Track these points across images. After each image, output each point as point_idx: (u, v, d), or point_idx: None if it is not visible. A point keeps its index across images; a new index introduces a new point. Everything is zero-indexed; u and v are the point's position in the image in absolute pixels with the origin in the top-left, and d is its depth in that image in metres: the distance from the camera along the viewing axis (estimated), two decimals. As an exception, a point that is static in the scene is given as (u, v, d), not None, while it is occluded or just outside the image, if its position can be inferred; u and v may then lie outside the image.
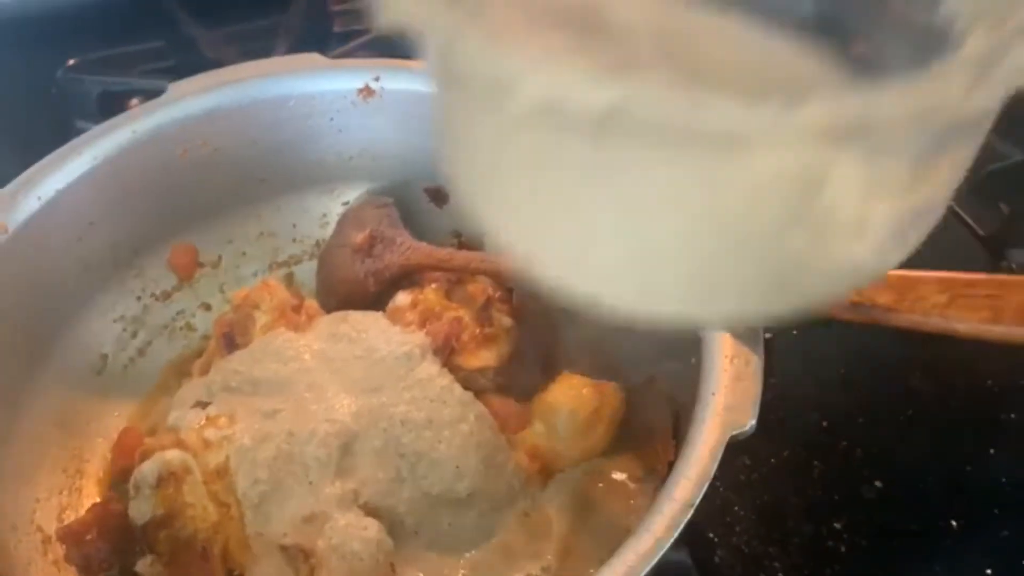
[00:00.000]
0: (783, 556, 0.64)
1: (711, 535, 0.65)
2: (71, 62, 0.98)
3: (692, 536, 0.63)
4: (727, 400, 0.47)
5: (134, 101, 0.89)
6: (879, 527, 0.65)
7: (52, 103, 0.97)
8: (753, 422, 0.46)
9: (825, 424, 0.71)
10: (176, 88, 0.65)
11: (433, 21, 0.25)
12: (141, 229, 0.66)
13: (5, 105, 0.99)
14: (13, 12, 0.97)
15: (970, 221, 0.81)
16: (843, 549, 0.64)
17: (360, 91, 0.66)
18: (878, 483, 0.67)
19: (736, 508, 0.66)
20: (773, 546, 0.65)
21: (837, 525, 0.65)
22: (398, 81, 0.66)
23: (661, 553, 0.41)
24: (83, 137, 0.62)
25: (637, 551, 0.41)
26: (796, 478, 0.68)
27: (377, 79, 0.66)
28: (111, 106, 0.92)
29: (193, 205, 0.68)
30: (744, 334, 0.49)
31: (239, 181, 0.68)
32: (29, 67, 1.01)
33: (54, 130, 0.92)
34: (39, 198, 0.58)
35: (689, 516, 0.43)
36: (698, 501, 0.43)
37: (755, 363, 0.48)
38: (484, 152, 0.29)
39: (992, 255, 0.80)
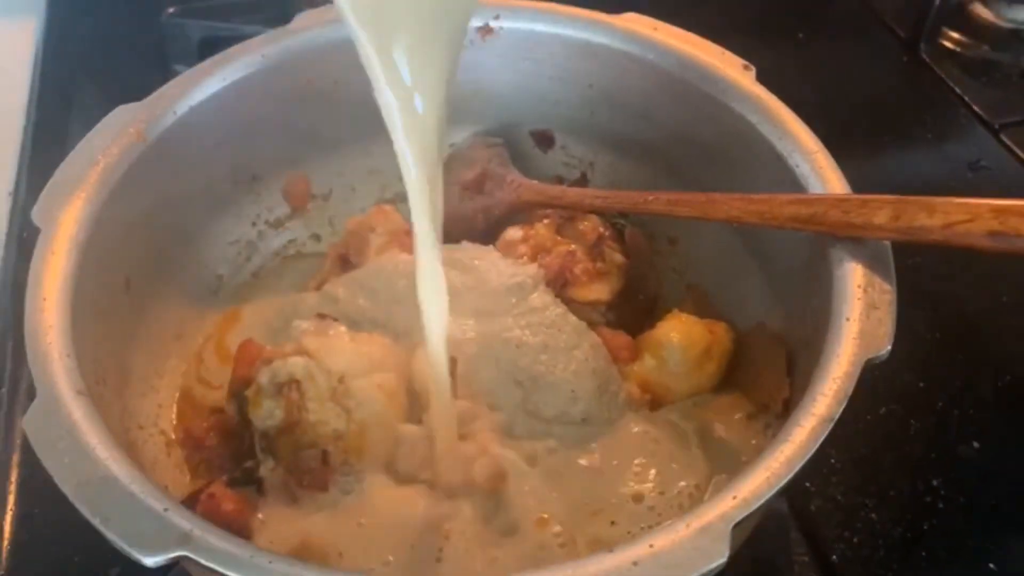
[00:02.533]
0: (880, 508, 0.64)
1: (807, 484, 0.65)
2: (171, 9, 1.00)
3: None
4: (862, 326, 0.47)
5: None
6: (977, 486, 0.65)
7: (153, 48, 0.99)
8: (889, 347, 0.46)
9: (922, 385, 0.71)
10: (302, 19, 0.66)
11: None
12: (261, 154, 0.67)
13: (107, 49, 1.02)
14: (116, -41, 1.00)
15: None
16: (941, 505, 0.64)
17: (480, 29, 0.67)
18: (976, 444, 0.67)
19: (833, 460, 0.66)
20: (870, 498, 0.65)
21: (935, 482, 0.65)
22: (518, 20, 0.67)
23: (802, 463, 0.42)
24: (215, 58, 0.64)
25: (779, 459, 0.42)
26: (893, 435, 0.68)
27: (497, 18, 0.67)
28: (211, 52, 0.93)
29: (310, 136, 0.69)
30: (875, 266, 0.50)
31: (354, 115, 0.68)
32: (131, 12, 1.04)
33: (154, 74, 0.95)
34: (174, 112, 0.60)
35: (828, 431, 0.43)
36: (837, 417, 0.44)
37: (890, 293, 0.48)
38: None
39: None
